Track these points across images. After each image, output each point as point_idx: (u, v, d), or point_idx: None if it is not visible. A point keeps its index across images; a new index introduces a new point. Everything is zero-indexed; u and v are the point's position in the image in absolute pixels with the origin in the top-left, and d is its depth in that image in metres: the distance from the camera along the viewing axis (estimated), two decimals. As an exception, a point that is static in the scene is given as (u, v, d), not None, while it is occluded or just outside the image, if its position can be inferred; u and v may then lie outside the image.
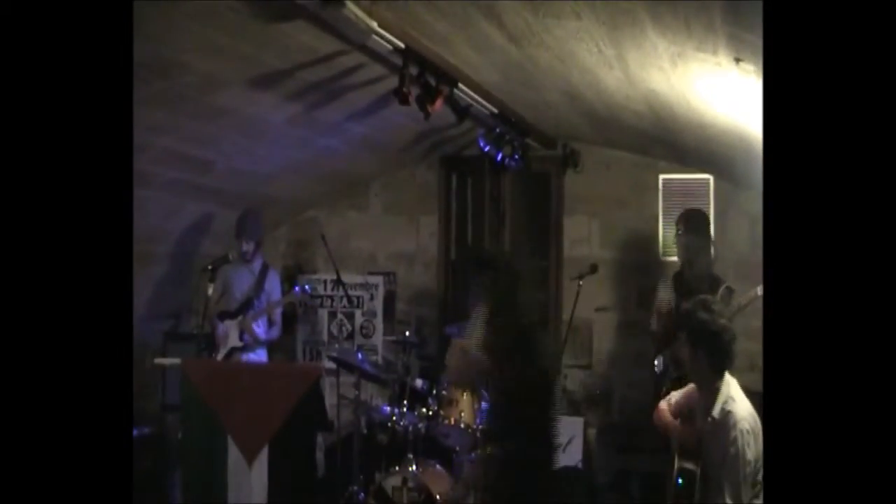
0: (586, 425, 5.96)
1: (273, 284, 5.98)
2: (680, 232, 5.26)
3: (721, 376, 3.40)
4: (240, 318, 5.73)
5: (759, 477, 3.32)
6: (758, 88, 3.19)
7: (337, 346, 6.44)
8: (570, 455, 5.86)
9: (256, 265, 5.88)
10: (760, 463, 3.32)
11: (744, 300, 4.64)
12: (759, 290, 4.49)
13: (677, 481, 3.56)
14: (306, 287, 6.08)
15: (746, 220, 5.89)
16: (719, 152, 5.02)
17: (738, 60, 2.95)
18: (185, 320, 6.42)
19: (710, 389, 3.40)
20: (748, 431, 3.24)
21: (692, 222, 5.23)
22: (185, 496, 4.47)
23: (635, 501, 5.63)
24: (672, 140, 5.24)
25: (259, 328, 5.81)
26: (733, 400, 3.34)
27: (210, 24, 3.44)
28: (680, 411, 3.65)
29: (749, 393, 3.53)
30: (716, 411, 3.34)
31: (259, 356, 5.80)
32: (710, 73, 3.29)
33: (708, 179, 5.99)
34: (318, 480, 5.72)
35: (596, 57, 3.57)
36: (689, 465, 3.53)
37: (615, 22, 3.04)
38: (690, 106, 4.03)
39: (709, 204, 5.85)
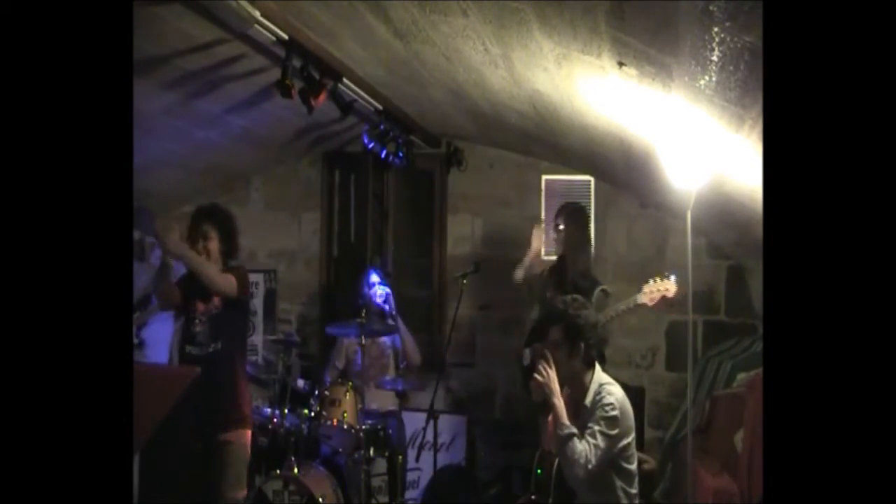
0: (469, 423, 5.99)
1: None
2: (560, 226, 5.15)
3: (591, 369, 3.49)
4: (136, 314, 5.42)
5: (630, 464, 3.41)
6: (639, 92, 3.26)
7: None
8: (453, 453, 5.88)
9: (155, 258, 5.54)
10: (630, 450, 3.41)
11: (622, 306, 4.70)
12: (639, 299, 4.56)
13: (537, 471, 3.63)
14: None
15: (625, 220, 6.06)
16: (600, 154, 5.12)
17: (621, 64, 3.00)
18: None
19: (581, 383, 3.47)
20: (619, 406, 3.35)
21: (572, 216, 5.16)
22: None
23: (517, 497, 5.69)
24: (555, 141, 5.32)
25: (163, 322, 5.50)
26: (605, 384, 3.44)
27: (77, 6, 3.23)
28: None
29: (626, 387, 3.61)
30: (588, 400, 3.42)
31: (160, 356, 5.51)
32: (594, 76, 3.34)
33: (589, 181, 6.12)
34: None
35: (482, 55, 3.57)
36: (550, 454, 3.60)
37: (502, 21, 3.03)
38: (574, 107, 4.08)
39: (590, 204, 5.97)
